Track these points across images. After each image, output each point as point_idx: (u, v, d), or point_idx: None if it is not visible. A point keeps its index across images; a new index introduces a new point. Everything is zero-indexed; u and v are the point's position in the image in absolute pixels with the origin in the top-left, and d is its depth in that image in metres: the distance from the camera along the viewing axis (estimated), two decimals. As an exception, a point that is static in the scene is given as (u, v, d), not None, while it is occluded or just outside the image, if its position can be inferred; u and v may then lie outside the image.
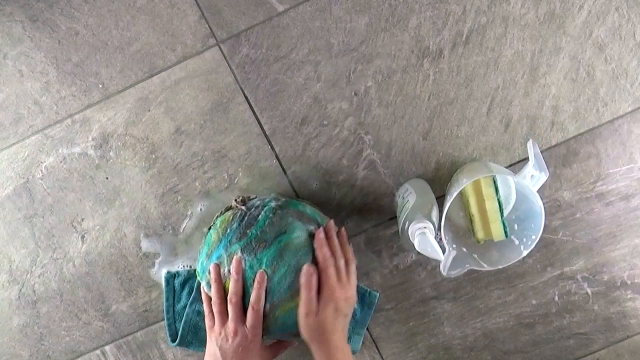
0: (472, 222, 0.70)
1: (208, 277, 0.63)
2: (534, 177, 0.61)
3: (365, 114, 0.72)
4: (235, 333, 0.59)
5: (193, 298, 0.73)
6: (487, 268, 0.65)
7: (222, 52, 0.72)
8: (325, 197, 0.74)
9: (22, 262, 0.76)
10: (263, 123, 0.73)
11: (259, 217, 0.62)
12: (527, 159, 0.63)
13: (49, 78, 0.73)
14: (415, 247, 0.60)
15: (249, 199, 0.67)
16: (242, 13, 0.71)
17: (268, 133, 0.73)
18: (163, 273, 0.76)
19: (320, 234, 0.62)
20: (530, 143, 0.62)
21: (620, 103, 0.71)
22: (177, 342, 0.74)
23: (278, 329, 0.61)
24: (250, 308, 0.59)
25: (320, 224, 0.65)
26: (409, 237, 0.62)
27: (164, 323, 0.76)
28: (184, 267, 0.76)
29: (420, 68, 0.71)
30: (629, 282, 0.75)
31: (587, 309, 0.76)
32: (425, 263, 0.75)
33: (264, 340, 0.62)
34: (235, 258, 0.60)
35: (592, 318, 0.76)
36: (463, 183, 0.63)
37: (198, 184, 0.74)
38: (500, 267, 0.64)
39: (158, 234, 0.75)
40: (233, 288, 0.60)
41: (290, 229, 0.61)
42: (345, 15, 0.71)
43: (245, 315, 0.60)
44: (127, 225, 0.75)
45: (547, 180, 0.64)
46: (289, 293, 0.60)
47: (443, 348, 0.77)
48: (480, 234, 0.69)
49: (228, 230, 0.62)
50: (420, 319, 0.77)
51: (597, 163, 0.72)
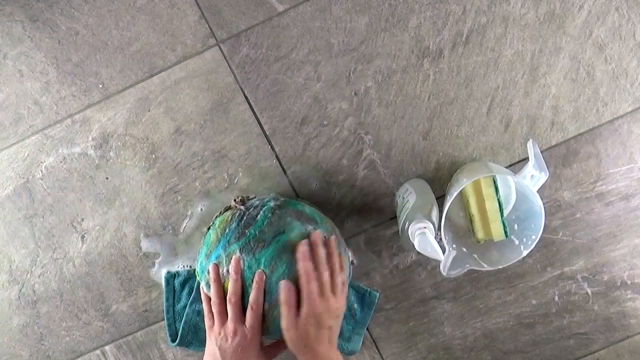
0: (472, 222, 0.70)
1: (207, 277, 0.63)
2: (534, 177, 0.61)
3: (365, 114, 0.72)
4: (235, 333, 0.59)
5: (193, 298, 0.73)
6: (487, 268, 0.65)
7: (222, 52, 0.72)
8: (325, 197, 0.74)
9: (22, 262, 0.76)
10: (263, 123, 0.73)
11: (258, 217, 0.62)
12: (527, 159, 0.63)
13: (49, 78, 0.73)
14: (415, 247, 0.60)
15: (248, 199, 0.67)
16: (242, 13, 0.71)
17: (268, 133, 0.73)
18: (163, 273, 0.76)
19: (302, 247, 0.60)
20: (530, 143, 0.62)
21: (620, 103, 0.71)
22: (177, 342, 0.74)
23: (277, 329, 0.61)
24: (250, 308, 0.59)
25: (320, 224, 0.65)
26: (409, 237, 0.62)
27: (164, 323, 0.76)
28: (184, 267, 0.76)
29: (420, 68, 0.71)
30: (629, 282, 0.75)
31: (587, 309, 0.76)
32: (425, 263, 0.75)
33: (264, 340, 0.62)
34: (234, 258, 0.60)
35: (592, 318, 0.76)
36: (463, 183, 0.63)
37: (198, 184, 0.74)
38: (500, 267, 0.64)
39: (158, 234, 0.75)
40: (232, 288, 0.60)
41: (289, 229, 0.61)
42: (345, 15, 0.71)
43: (245, 315, 0.60)
44: (127, 225, 0.75)
45: (547, 180, 0.64)
46: None
47: (443, 348, 0.77)
48: (480, 234, 0.69)
49: (227, 230, 0.62)
50: (420, 319, 0.77)
51: (597, 163, 0.72)
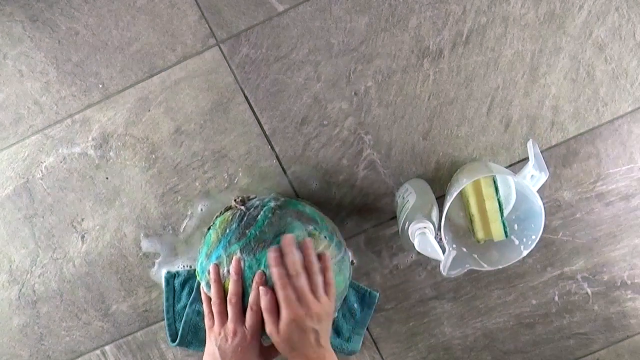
0: (472, 222, 0.70)
1: (207, 277, 0.63)
2: (534, 177, 0.61)
3: (365, 114, 0.72)
4: (235, 333, 0.59)
5: (193, 298, 0.73)
6: (487, 268, 0.65)
7: (222, 52, 0.72)
8: (325, 197, 0.74)
9: (22, 262, 0.76)
10: (263, 123, 0.73)
11: (258, 217, 0.62)
12: (527, 159, 0.63)
13: (49, 78, 0.73)
14: (415, 247, 0.60)
15: (249, 199, 0.67)
16: (242, 13, 0.71)
17: (268, 133, 0.73)
18: (163, 273, 0.76)
19: (271, 253, 0.58)
20: (530, 143, 0.62)
21: (620, 103, 0.71)
22: (177, 342, 0.74)
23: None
24: (250, 308, 0.59)
25: (320, 224, 0.65)
26: (409, 237, 0.62)
27: (164, 323, 0.76)
28: (184, 267, 0.76)
29: (420, 68, 0.71)
30: (629, 282, 0.75)
31: (587, 309, 0.76)
32: (425, 263, 0.75)
33: (263, 341, 0.62)
34: (235, 258, 0.60)
35: (592, 318, 0.76)
36: (463, 183, 0.63)
37: (198, 184, 0.74)
38: (500, 267, 0.64)
39: (158, 234, 0.75)
40: (232, 288, 0.60)
41: (289, 229, 0.61)
42: (345, 15, 0.71)
43: (245, 316, 0.60)
44: (127, 225, 0.75)
45: (547, 180, 0.64)
46: None
47: (443, 348, 0.77)
48: (480, 234, 0.69)
49: (227, 231, 0.62)
50: (420, 319, 0.77)
51: (597, 163, 0.72)
